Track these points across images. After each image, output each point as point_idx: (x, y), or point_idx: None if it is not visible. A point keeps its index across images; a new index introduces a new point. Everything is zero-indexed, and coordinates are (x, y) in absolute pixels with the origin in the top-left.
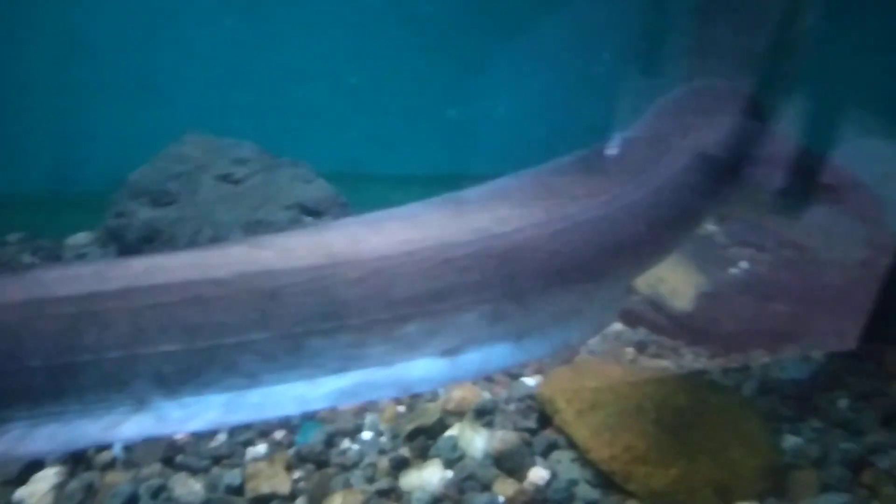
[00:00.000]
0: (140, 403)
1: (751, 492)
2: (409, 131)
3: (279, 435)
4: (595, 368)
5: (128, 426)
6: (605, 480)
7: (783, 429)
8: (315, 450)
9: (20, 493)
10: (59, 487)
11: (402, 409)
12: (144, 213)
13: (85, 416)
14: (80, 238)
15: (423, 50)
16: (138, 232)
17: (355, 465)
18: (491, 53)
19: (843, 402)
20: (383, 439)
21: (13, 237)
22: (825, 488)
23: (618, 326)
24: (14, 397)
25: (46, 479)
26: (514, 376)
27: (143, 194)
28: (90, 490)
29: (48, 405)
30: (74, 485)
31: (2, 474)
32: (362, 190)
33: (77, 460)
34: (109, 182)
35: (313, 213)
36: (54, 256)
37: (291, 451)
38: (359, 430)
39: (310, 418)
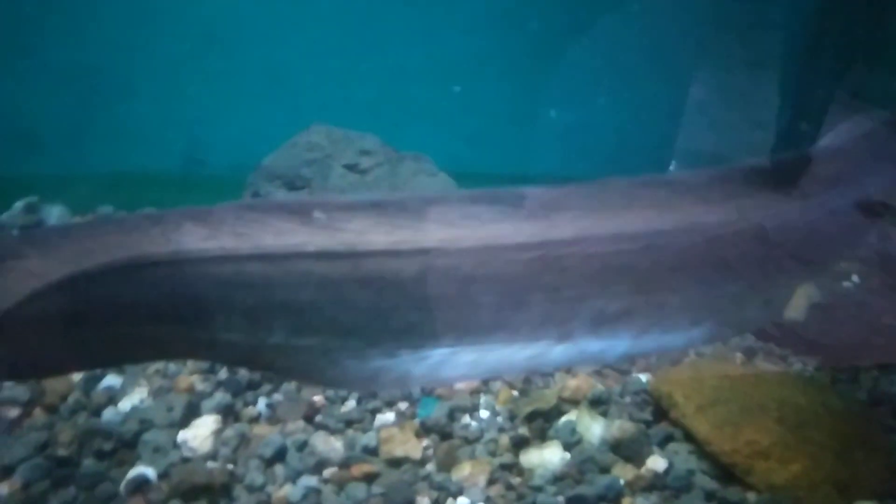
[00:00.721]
0: (563, 337)
1: (872, 491)
2: (515, 132)
3: (403, 406)
4: (711, 367)
5: (553, 355)
6: (723, 472)
7: (893, 441)
8: (439, 422)
9: (183, 434)
10: (217, 434)
11: (515, 392)
12: (280, 195)
13: (510, 346)
14: None
15: (530, 56)
16: None
17: (477, 439)
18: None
19: None
20: (500, 419)
21: (145, 211)
22: None
23: None
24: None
25: (206, 425)
26: (624, 371)
27: (278, 177)
28: (243, 438)
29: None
30: (229, 432)
31: (167, 417)
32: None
33: (228, 411)
34: (235, 166)
35: None
36: None
37: (416, 422)
38: (475, 408)
39: (428, 394)
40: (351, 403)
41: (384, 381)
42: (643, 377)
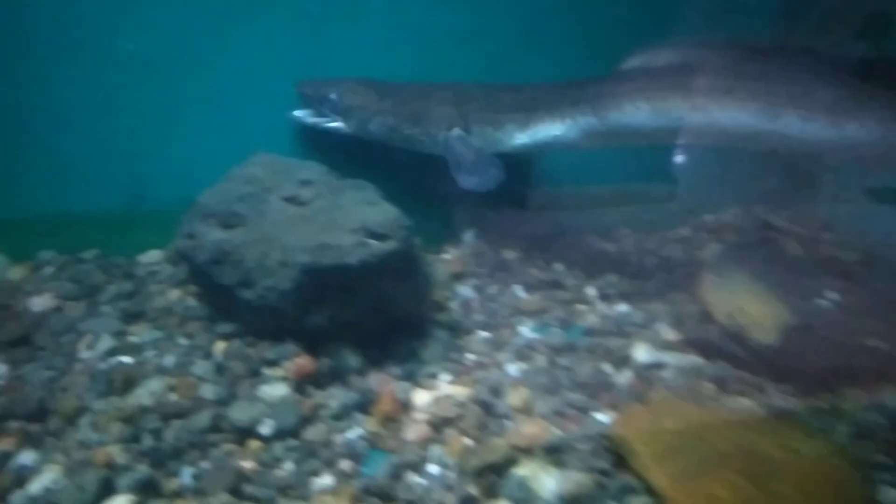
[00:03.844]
0: None
1: None
2: None
3: (346, 465)
4: (674, 408)
5: None
6: None
7: (879, 479)
8: (383, 484)
9: None
10: None
11: (468, 440)
12: (214, 235)
13: None
14: (152, 256)
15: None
16: (208, 254)
17: (421, 500)
18: None
19: None
20: (449, 473)
21: (88, 254)
22: None
23: (695, 359)
24: None
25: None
26: (584, 409)
27: (212, 216)
28: None
29: None
30: None
31: (78, 499)
32: None
33: (147, 487)
34: (180, 200)
35: (379, 236)
36: (127, 274)
37: (358, 483)
38: (424, 461)
39: (375, 447)
40: (288, 466)
41: None
42: (605, 417)
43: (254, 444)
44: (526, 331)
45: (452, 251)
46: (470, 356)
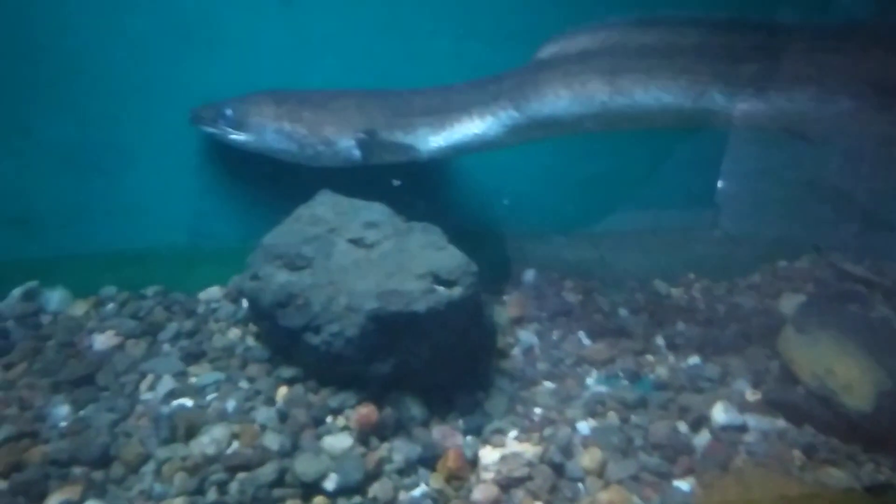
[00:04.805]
0: None
1: None
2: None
3: None
4: (761, 478)
5: None
6: None
7: None
8: None
9: None
10: None
11: None
12: (280, 277)
13: None
14: (212, 293)
15: None
16: (274, 296)
17: None
18: None
19: None
20: None
21: (150, 290)
22: None
23: (781, 423)
24: None
25: None
26: (663, 475)
27: (278, 257)
28: None
29: None
30: None
31: None
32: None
33: None
34: (244, 237)
35: (446, 283)
36: (188, 311)
37: None
38: None
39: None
40: None
41: None
42: (685, 485)
43: (318, 499)
44: (593, 382)
45: (512, 293)
46: (537, 410)
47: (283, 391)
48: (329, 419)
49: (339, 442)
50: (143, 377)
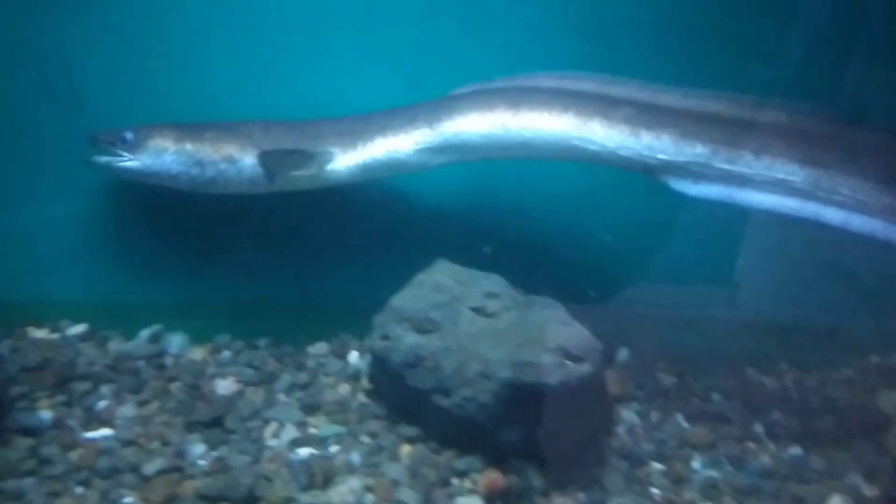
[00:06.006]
0: None
1: None
2: None
3: None
4: None
5: None
6: None
7: None
8: None
9: None
10: None
11: None
12: (410, 339)
13: None
14: (320, 348)
15: None
16: (403, 356)
17: None
18: None
19: None
20: None
21: (262, 341)
22: None
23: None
24: None
25: None
26: None
27: (407, 320)
28: None
29: None
30: None
31: None
32: None
33: None
34: (352, 297)
35: (575, 358)
36: (298, 364)
37: None
38: None
39: None
40: None
41: None
42: None
43: None
44: (698, 466)
45: (609, 371)
46: (654, 490)
47: (406, 449)
48: (455, 481)
49: (470, 503)
50: (267, 424)
